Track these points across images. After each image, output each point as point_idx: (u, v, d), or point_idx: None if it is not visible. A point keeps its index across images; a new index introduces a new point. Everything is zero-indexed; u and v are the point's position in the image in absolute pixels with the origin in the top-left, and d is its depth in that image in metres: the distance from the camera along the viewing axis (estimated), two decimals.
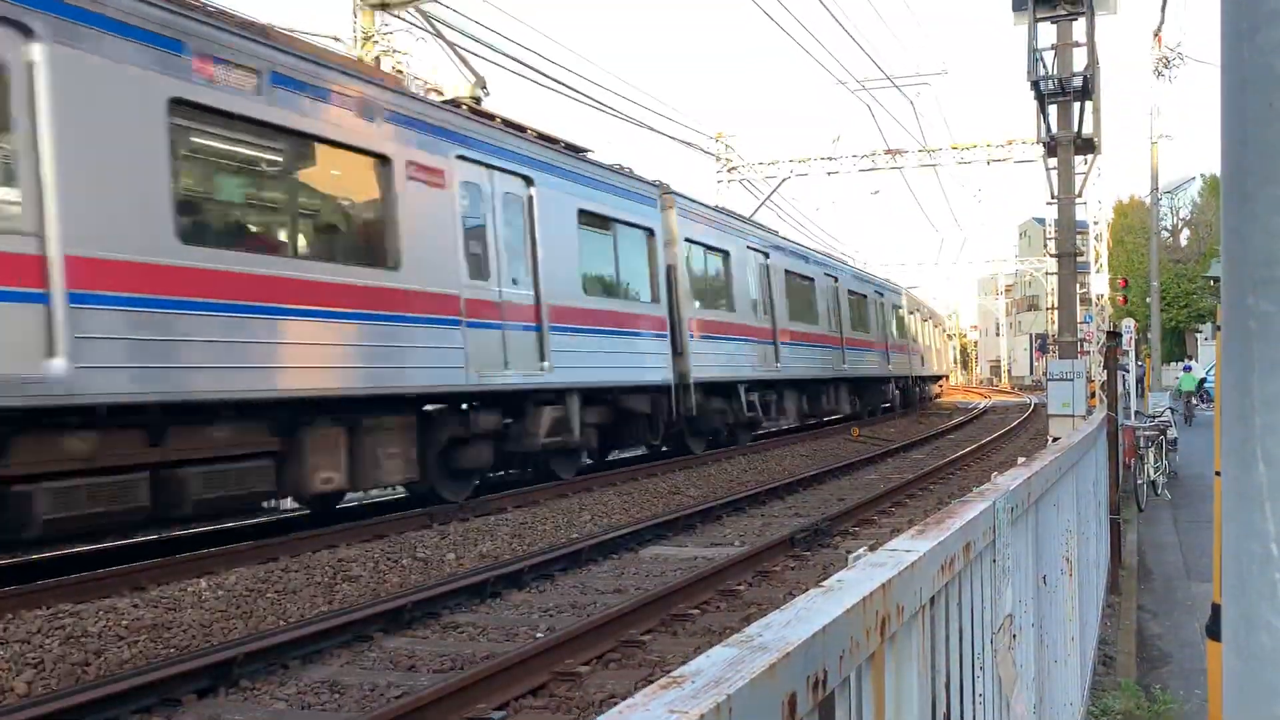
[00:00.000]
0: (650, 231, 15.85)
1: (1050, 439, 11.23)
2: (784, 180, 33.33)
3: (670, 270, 16.48)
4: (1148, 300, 38.93)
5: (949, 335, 57.97)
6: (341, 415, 9.92)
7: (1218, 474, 3.61)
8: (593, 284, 14.21)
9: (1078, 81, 14.16)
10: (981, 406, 39.66)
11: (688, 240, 17.23)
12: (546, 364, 12.57)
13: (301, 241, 9.84)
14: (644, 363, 15.26)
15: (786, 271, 22.03)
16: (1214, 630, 3.85)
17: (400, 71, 17.26)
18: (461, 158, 11.40)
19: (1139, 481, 12.29)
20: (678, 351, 16.29)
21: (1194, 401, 28.24)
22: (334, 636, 6.55)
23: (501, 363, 11.78)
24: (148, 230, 7.92)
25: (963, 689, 2.12)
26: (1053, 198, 15.48)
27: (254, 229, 9.61)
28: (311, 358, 9.32)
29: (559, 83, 18.73)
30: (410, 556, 9.22)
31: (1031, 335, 73.96)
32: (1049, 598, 3.55)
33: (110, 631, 6.66)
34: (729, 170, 33.85)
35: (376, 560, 8.97)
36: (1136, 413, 15.15)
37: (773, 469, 16.68)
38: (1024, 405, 37.89)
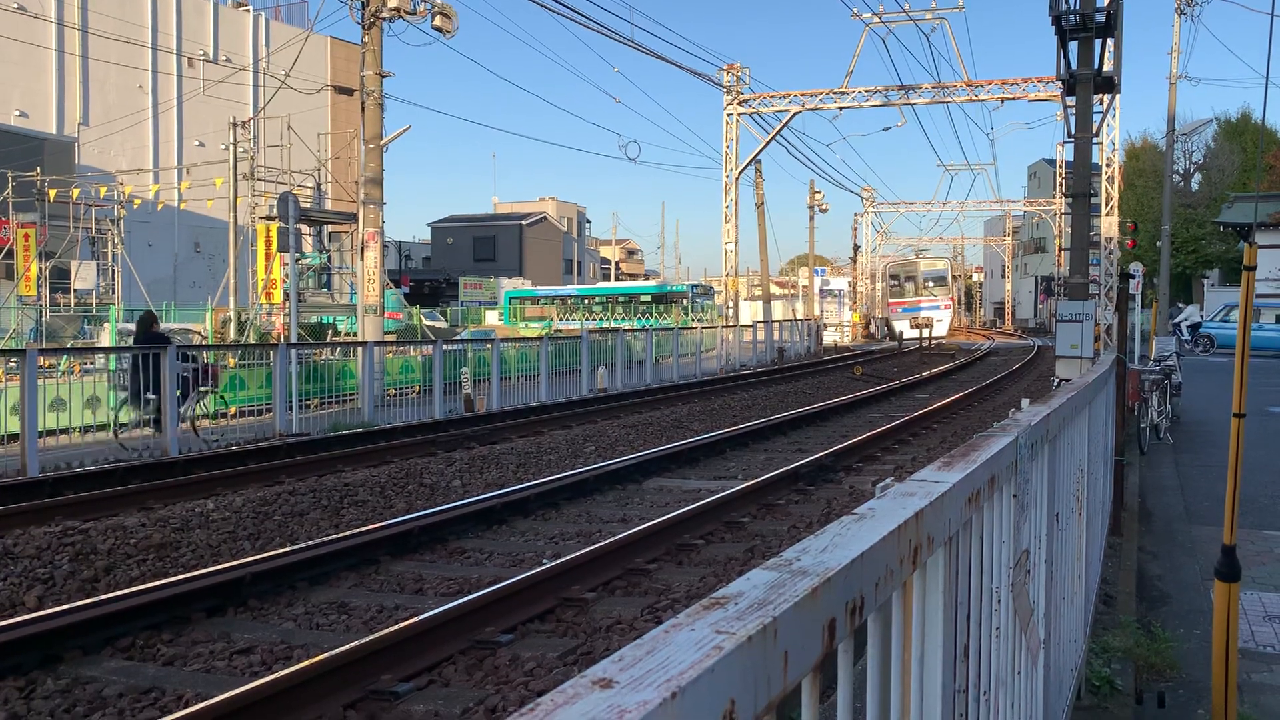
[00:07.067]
0: None
1: (1056, 381, 11.21)
2: (794, 114, 32.85)
3: None
4: (1157, 244, 38.58)
5: (955, 277, 58.06)
6: None
7: (1237, 415, 3.58)
8: None
9: (1100, 17, 13.81)
10: (985, 348, 39.67)
11: None
12: None
13: None
14: None
15: None
16: (1223, 572, 3.85)
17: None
18: None
19: (1142, 425, 12.28)
20: None
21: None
22: (342, 559, 6.60)
23: None
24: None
25: (981, 622, 2.12)
26: (1069, 137, 15.23)
27: None
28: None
29: (566, 6, 18.34)
30: (416, 483, 9.28)
31: (1037, 278, 73.54)
32: (1060, 535, 3.55)
33: (119, 549, 6.73)
34: (739, 103, 33.35)
35: (383, 485, 9.03)
36: (1141, 356, 15.12)
37: (776, 405, 16.71)
38: (1027, 347, 37.86)
